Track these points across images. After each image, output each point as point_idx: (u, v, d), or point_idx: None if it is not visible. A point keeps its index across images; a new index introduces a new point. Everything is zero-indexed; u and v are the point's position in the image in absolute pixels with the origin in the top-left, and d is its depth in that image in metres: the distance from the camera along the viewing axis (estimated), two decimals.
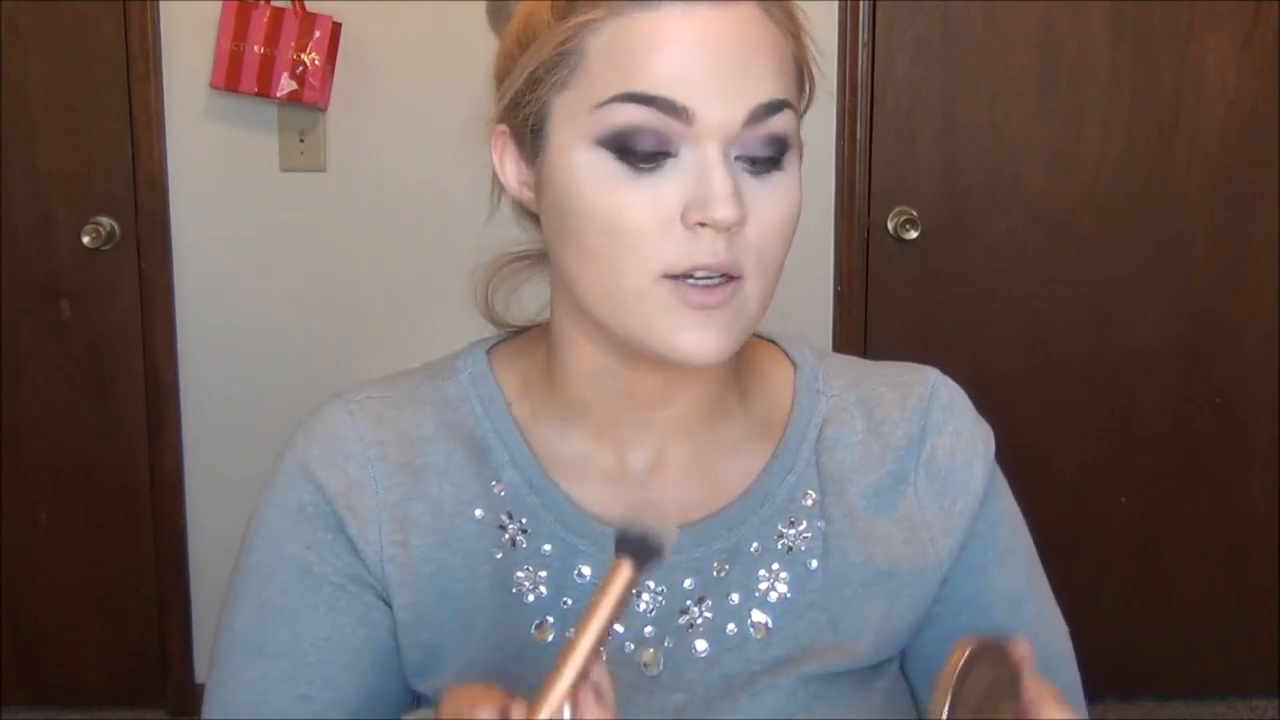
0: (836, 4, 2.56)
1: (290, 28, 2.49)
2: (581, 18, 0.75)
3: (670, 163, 0.75)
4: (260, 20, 2.49)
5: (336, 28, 2.53)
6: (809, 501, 0.87)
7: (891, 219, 2.63)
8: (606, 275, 0.76)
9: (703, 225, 0.74)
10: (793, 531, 0.86)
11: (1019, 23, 2.60)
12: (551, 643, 0.82)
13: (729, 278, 0.76)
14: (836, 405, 0.90)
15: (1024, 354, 2.69)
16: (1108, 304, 2.67)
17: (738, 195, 0.75)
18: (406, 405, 0.86)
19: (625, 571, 0.65)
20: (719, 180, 0.74)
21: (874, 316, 2.66)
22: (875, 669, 0.87)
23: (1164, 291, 2.68)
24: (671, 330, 0.76)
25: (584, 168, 0.76)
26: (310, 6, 2.52)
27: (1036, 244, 2.64)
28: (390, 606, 0.84)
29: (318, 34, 2.50)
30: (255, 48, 2.50)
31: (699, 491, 0.86)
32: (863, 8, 2.56)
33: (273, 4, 2.51)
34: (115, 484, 2.72)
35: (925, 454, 0.89)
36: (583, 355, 0.83)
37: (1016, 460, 1.04)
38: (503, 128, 0.81)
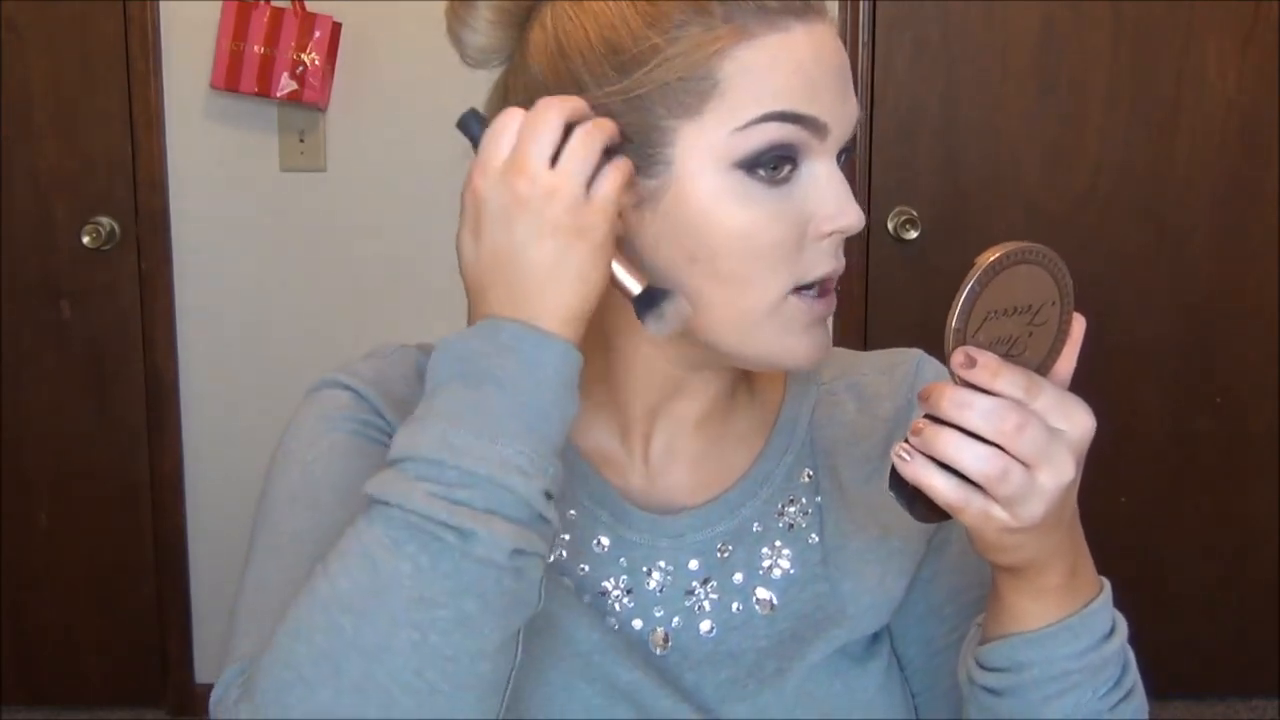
0: (836, 4, 2.57)
1: (290, 28, 2.50)
2: (713, 46, 0.75)
3: (795, 176, 0.77)
4: (260, 20, 2.50)
5: (336, 28, 2.53)
6: (806, 479, 0.89)
7: (891, 219, 2.63)
8: (737, 297, 0.77)
9: (830, 234, 0.78)
10: (793, 509, 0.88)
11: (1019, 23, 2.60)
12: (570, 586, 0.84)
13: (832, 281, 0.80)
14: (827, 391, 0.93)
15: None
16: (1108, 303, 2.67)
17: None
18: (409, 372, 0.87)
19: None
20: (844, 189, 0.78)
21: (874, 316, 2.66)
22: (870, 647, 0.89)
23: (1164, 291, 2.69)
24: (795, 344, 0.79)
25: (720, 190, 0.76)
26: (310, 6, 2.52)
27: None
28: None
29: (318, 34, 2.50)
30: (255, 48, 2.50)
31: (706, 478, 0.88)
32: (863, 8, 2.57)
33: (273, 4, 2.51)
34: (115, 484, 2.72)
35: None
36: (641, 361, 0.84)
37: None
38: None
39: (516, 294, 0.72)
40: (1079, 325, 0.73)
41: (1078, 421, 0.70)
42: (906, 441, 0.70)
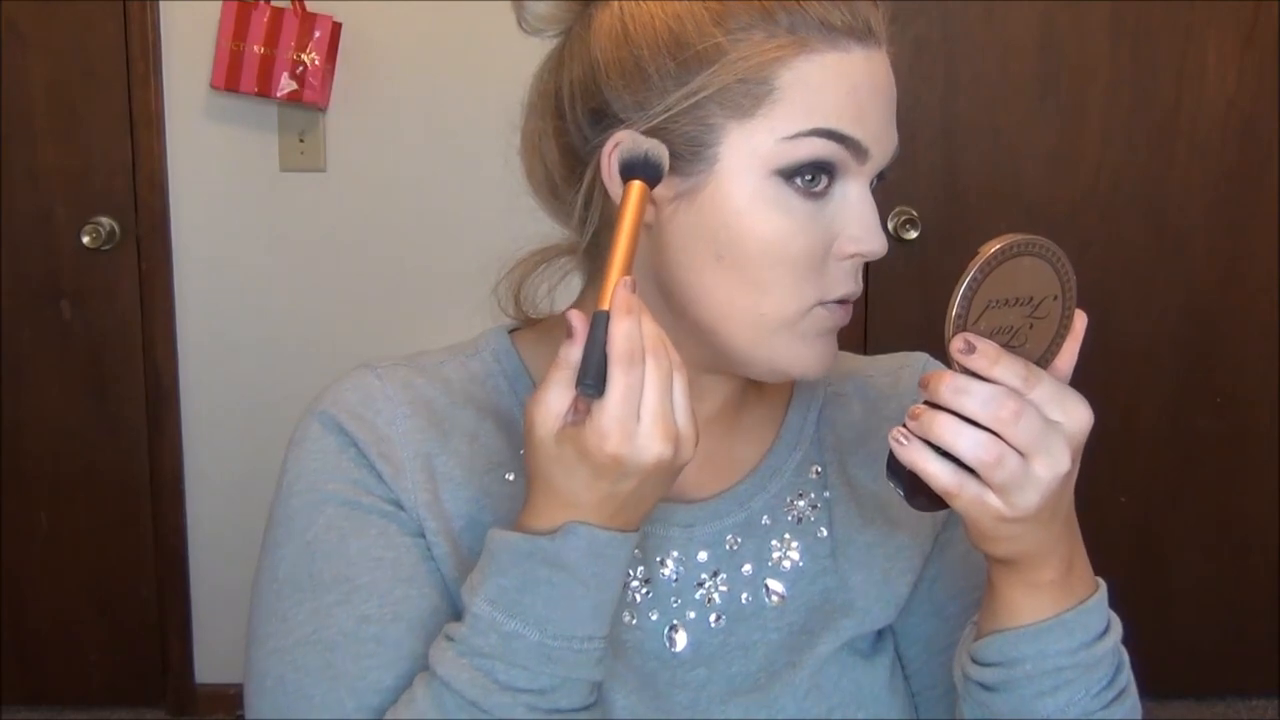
0: None
1: (290, 28, 2.50)
2: (775, 53, 0.76)
3: (829, 194, 0.79)
4: (260, 20, 2.50)
5: (336, 28, 2.53)
6: (814, 475, 0.91)
7: (891, 219, 2.63)
8: (756, 302, 0.78)
9: (852, 256, 0.79)
10: (802, 503, 0.89)
11: (1019, 23, 2.60)
12: None
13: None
14: (834, 392, 0.94)
15: None
16: (1108, 304, 2.67)
17: None
18: (433, 378, 0.88)
19: (638, 188, 0.74)
20: (874, 215, 0.79)
21: (874, 316, 2.66)
22: (876, 643, 0.90)
23: (1164, 291, 2.69)
24: (803, 353, 0.80)
25: (759, 194, 0.77)
26: (310, 6, 2.52)
27: None
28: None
29: (318, 34, 2.50)
30: (255, 48, 2.50)
31: (714, 473, 0.89)
32: None
33: (273, 4, 2.51)
34: (115, 484, 2.72)
35: None
36: None
37: None
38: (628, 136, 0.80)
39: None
40: (1080, 321, 0.73)
41: (1075, 414, 0.71)
42: (904, 426, 0.71)
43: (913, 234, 2.62)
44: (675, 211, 0.79)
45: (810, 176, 0.77)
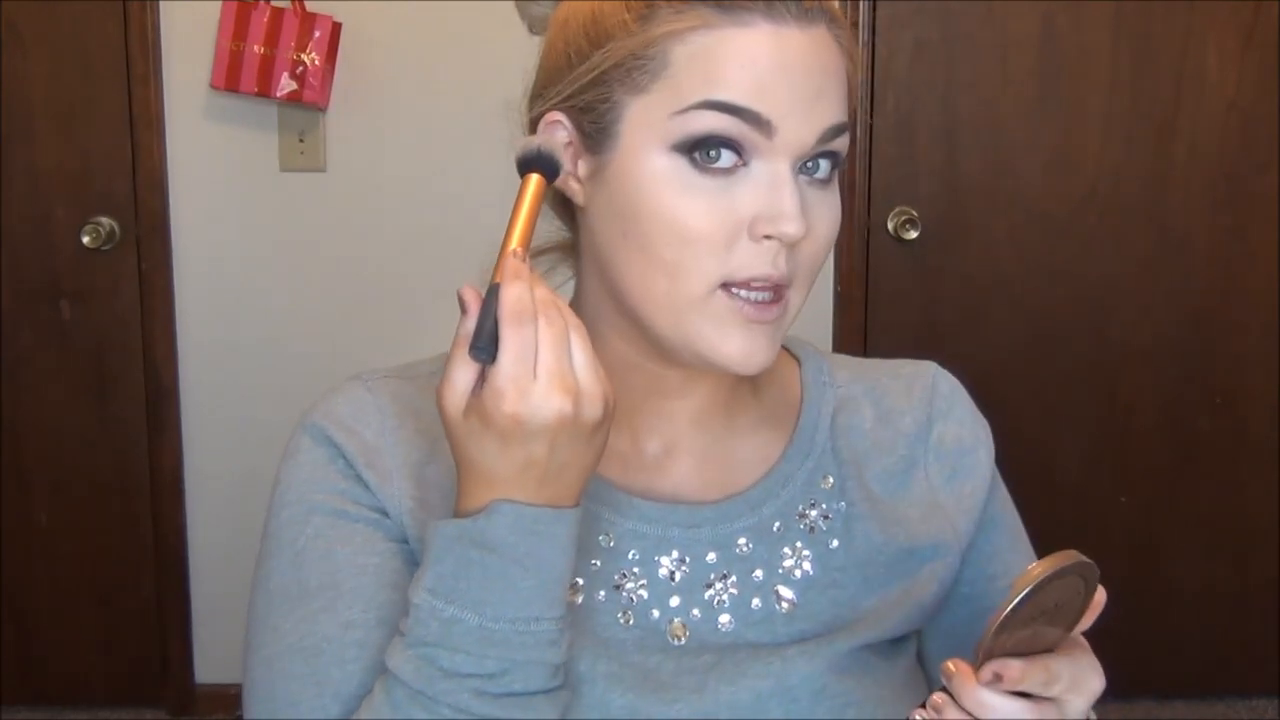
0: (835, 3, 2.56)
1: (290, 28, 2.50)
2: (669, 27, 0.77)
3: (741, 173, 0.78)
4: (260, 20, 2.50)
5: (336, 28, 2.53)
6: (828, 485, 0.90)
7: (891, 219, 2.63)
8: (666, 280, 0.78)
9: (768, 238, 0.77)
10: (814, 513, 0.89)
11: (1019, 23, 2.60)
12: (580, 604, 0.84)
13: (779, 289, 0.79)
14: (844, 395, 0.94)
15: (1024, 354, 2.69)
16: (1108, 304, 2.67)
17: (804, 211, 0.78)
18: (423, 387, 0.88)
19: (534, 181, 0.76)
20: (790, 196, 0.77)
21: (874, 316, 2.66)
22: (898, 644, 0.90)
23: (1164, 291, 2.69)
24: (722, 340, 0.79)
25: (657, 171, 0.77)
26: (310, 6, 2.52)
27: (1036, 244, 2.64)
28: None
29: (318, 34, 2.50)
30: (255, 48, 2.50)
31: (716, 475, 0.89)
32: (863, 8, 2.57)
33: (273, 4, 2.51)
34: (115, 484, 2.72)
35: (934, 439, 0.93)
36: (610, 349, 0.85)
37: (1016, 460, 1.04)
38: (557, 116, 0.81)
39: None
40: (1101, 595, 0.75)
41: (1090, 689, 0.75)
42: (923, 707, 0.74)
43: (913, 234, 2.62)
44: (593, 192, 0.81)
45: (710, 152, 0.77)
